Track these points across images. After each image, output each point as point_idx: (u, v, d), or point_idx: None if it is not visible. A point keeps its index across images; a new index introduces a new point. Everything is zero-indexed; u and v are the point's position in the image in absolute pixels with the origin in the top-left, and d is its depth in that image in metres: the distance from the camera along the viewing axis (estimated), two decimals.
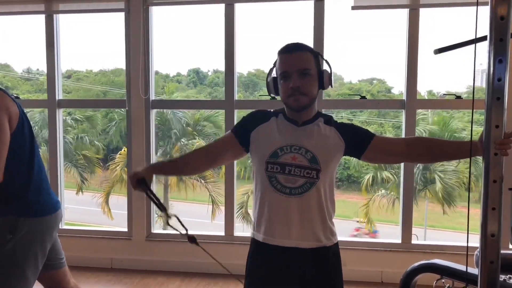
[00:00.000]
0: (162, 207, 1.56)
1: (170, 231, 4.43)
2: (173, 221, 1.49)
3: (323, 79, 1.48)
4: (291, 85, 1.42)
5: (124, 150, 10.91)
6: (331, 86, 1.52)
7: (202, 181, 11.05)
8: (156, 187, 3.73)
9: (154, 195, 1.56)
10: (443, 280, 1.91)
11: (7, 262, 1.75)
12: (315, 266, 1.47)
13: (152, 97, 3.56)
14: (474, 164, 10.61)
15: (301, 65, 1.43)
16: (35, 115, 11.30)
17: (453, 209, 11.10)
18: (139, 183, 1.55)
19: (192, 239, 1.50)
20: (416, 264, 1.99)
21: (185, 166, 1.66)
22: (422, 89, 11.82)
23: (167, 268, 3.51)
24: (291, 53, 1.46)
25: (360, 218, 11.45)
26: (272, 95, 1.55)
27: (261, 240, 1.49)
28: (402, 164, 3.36)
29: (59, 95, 3.67)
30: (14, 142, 1.71)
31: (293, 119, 1.51)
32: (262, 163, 1.48)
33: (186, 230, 1.49)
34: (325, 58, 1.52)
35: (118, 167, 11.01)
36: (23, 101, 4.82)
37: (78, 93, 14.31)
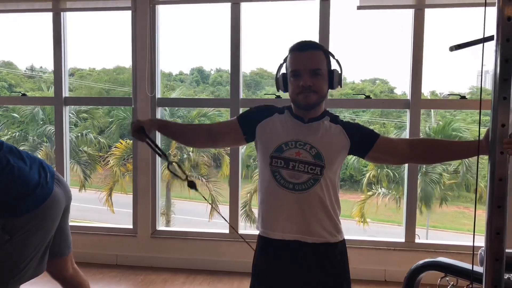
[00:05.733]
0: (163, 154, 1.60)
1: (175, 228, 4.46)
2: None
3: (333, 78, 1.48)
4: (302, 83, 1.43)
5: (121, 143, 10.94)
6: (340, 86, 1.53)
7: (204, 179, 11.06)
8: (161, 188, 3.74)
9: (154, 142, 1.59)
10: (447, 278, 1.93)
11: (9, 261, 1.84)
12: (320, 262, 1.47)
13: (158, 95, 3.58)
14: (468, 164, 10.66)
15: (313, 65, 1.44)
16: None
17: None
18: (138, 131, 1.56)
19: (191, 184, 1.54)
20: (421, 262, 2.00)
21: (186, 133, 1.67)
22: (425, 90, 11.81)
23: (172, 265, 3.53)
24: (304, 51, 1.46)
25: (357, 217, 11.44)
26: (281, 91, 1.55)
27: (263, 234, 1.51)
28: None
29: (66, 93, 3.70)
30: None
31: (299, 116, 1.52)
32: (266, 157, 1.48)
33: (186, 175, 1.54)
34: (336, 58, 1.52)
35: (112, 160, 11.02)
36: (30, 99, 4.86)
37: (81, 90, 14.33)
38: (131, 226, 3.67)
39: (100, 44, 14.78)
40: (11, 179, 1.83)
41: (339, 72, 1.51)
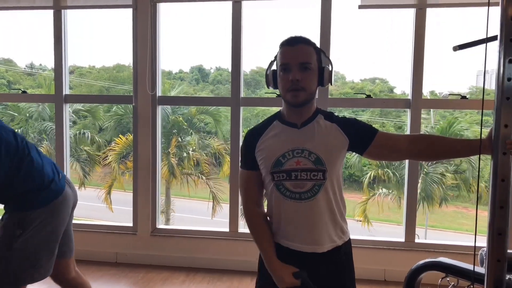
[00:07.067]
0: None
1: (175, 226, 4.44)
2: None
3: (323, 75, 1.45)
4: (291, 77, 1.39)
5: (121, 138, 10.91)
6: (331, 84, 1.50)
7: (203, 177, 11.04)
8: (161, 186, 3.74)
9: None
10: (447, 279, 1.93)
11: (21, 256, 1.83)
12: (328, 268, 1.46)
13: (159, 93, 3.57)
14: (470, 164, 10.66)
15: (303, 58, 1.40)
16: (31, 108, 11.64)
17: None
18: (297, 276, 1.42)
19: None
20: (422, 261, 2.00)
21: (265, 232, 1.51)
22: (425, 90, 11.72)
23: (171, 263, 3.53)
24: (294, 45, 1.43)
25: (360, 218, 11.43)
26: (271, 87, 1.52)
27: (285, 245, 1.47)
28: (406, 162, 3.38)
29: (66, 90, 3.69)
30: (5, 161, 1.81)
31: (291, 122, 1.48)
32: (268, 175, 1.46)
33: None
34: (327, 56, 1.49)
35: (111, 156, 10.99)
36: (31, 96, 4.84)
37: (81, 88, 14.30)
38: (131, 224, 3.67)
39: (100, 41, 14.75)
40: (30, 169, 1.88)
41: (330, 69, 1.47)
